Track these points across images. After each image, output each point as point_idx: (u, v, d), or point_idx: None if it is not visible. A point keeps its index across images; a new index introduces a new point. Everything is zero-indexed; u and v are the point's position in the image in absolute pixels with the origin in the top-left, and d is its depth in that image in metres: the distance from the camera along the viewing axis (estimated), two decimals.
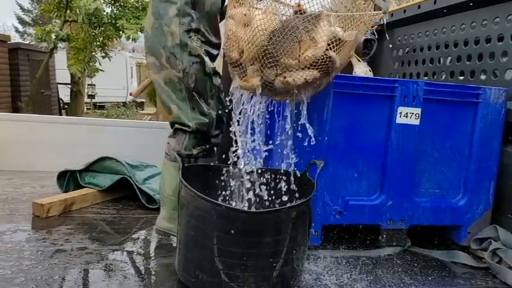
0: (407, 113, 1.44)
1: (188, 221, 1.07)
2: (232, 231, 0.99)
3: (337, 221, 1.44)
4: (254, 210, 1.08)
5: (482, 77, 1.69)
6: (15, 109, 7.10)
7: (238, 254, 1.01)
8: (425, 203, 1.51)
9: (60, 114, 8.88)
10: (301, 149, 1.38)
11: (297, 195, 1.32)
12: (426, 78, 2.02)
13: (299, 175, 1.31)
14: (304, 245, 1.12)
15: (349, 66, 2.32)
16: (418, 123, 1.45)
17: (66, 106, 9.40)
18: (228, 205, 0.99)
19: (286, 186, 1.33)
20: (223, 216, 0.99)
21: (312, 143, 1.37)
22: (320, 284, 1.25)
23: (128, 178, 1.80)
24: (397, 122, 1.44)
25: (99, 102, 11.92)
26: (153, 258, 1.32)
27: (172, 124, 1.43)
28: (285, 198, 1.34)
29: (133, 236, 1.49)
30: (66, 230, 1.49)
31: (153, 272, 1.22)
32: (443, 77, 1.91)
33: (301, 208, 1.06)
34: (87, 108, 11.18)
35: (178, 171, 1.15)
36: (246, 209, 1.16)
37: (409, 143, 1.45)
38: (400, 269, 1.38)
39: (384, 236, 1.48)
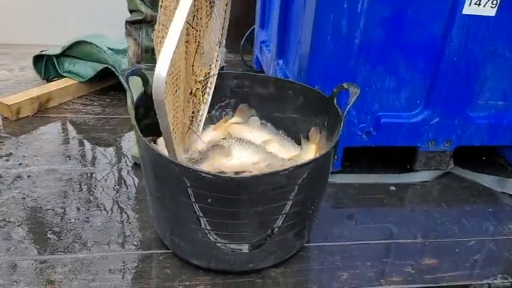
0: None
1: (149, 175, 0.79)
2: (210, 200, 0.71)
3: (364, 143, 1.14)
4: (239, 175, 0.79)
5: None
6: None
7: (221, 224, 0.76)
8: (482, 118, 1.16)
9: None
10: (319, 50, 1.01)
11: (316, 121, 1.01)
12: None
13: (323, 97, 0.97)
14: (319, 201, 0.85)
15: None
16: (493, 14, 1.02)
17: None
18: (200, 170, 0.69)
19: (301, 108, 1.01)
20: (194, 181, 0.70)
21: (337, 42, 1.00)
22: (334, 217, 1.03)
23: (112, 68, 1.48)
24: (463, 12, 1.00)
25: None
26: (130, 187, 1.09)
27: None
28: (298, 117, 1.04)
29: (116, 149, 1.25)
30: (38, 139, 1.25)
31: (126, 209, 1.01)
32: None
33: (315, 166, 0.75)
34: None
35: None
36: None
37: (475, 41, 1.04)
38: (431, 199, 1.12)
39: (421, 159, 1.18)
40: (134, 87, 0.81)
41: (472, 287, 0.86)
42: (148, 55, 1.05)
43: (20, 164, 1.13)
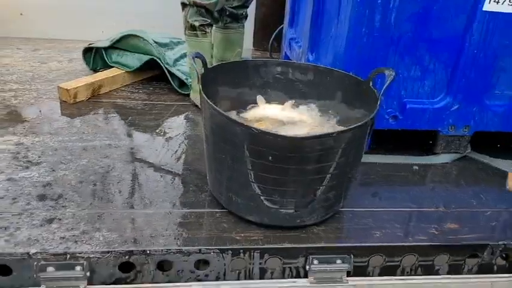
0: None
1: (214, 140, 0.93)
2: (270, 158, 0.85)
3: (391, 126, 1.27)
4: (293, 135, 0.92)
5: None
6: None
7: (276, 180, 0.89)
8: (497, 107, 1.29)
9: None
10: (354, 43, 1.14)
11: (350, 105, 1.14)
12: None
13: (359, 81, 1.10)
14: (356, 167, 0.98)
15: None
16: (511, 11, 1.14)
17: None
18: (262, 129, 0.83)
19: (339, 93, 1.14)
20: (256, 141, 0.84)
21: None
22: (363, 190, 1.15)
23: (157, 60, 1.63)
24: (483, 9, 1.13)
25: None
26: (182, 159, 1.23)
27: None
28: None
29: (165, 129, 1.40)
30: (95, 120, 1.40)
31: (181, 176, 1.14)
32: None
33: (356, 133, 0.89)
34: None
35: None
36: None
37: (493, 36, 1.17)
38: (451, 177, 1.25)
39: (442, 143, 1.31)
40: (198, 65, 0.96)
41: (489, 246, 0.99)
42: (191, 29, 1.45)
43: (84, 139, 1.27)
